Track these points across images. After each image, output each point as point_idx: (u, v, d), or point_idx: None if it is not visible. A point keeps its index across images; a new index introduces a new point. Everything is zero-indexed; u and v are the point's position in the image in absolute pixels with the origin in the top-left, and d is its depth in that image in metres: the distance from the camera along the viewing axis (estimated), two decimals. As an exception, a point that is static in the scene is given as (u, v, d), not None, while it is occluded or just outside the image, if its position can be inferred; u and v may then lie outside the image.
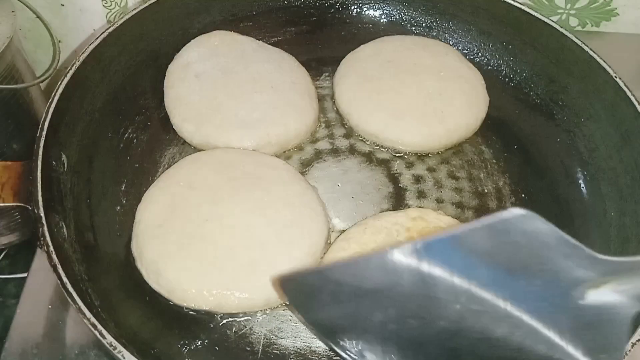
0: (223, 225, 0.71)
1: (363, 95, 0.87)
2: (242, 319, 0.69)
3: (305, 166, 0.84)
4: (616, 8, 1.12)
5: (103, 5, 1.11)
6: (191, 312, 0.69)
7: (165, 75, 0.88)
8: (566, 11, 1.14)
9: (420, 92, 0.87)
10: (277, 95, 0.85)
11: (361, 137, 0.87)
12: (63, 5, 1.11)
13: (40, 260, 0.81)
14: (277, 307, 0.70)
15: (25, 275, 0.80)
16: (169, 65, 0.89)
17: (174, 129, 0.84)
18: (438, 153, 0.86)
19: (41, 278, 0.79)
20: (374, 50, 0.93)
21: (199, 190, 0.75)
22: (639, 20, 1.14)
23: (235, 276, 0.68)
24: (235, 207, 0.73)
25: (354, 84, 0.88)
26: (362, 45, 0.94)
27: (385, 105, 0.86)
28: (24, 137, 1.03)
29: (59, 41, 1.09)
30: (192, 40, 0.91)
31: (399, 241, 0.71)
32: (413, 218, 0.74)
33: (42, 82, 1.02)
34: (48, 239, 0.63)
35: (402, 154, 0.86)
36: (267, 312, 0.70)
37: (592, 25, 1.16)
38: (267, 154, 0.82)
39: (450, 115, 0.85)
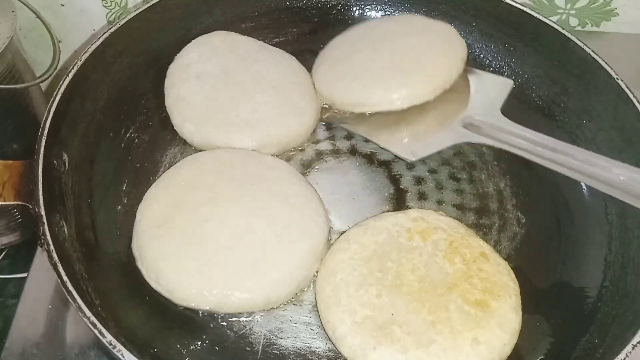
0: (224, 225, 0.71)
1: (339, 73, 0.88)
2: (242, 319, 0.69)
3: (306, 167, 0.84)
4: (616, 8, 1.12)
5: (103, 5, 1.11)
6: (191, 312, 0.69)
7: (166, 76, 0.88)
8: (566, 11, 1.14)
9: (394, 52, 0.87)
10: (278, 95, 0.85)
11: (362, 138, 0.87)
12: (63, 5, 1.11)
13: (40, 260, 0.81)
14: (277, 307, 0.70)
15: (25, 275, 0.80)
16: (170, 66, 0.89)
17: (175, 129, 0.84)
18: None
19: (41, 278, 0.78)
20: (343, 38, 0.94)
21: (200, 190, 0.74)
22: (639, 20, 1.14)
23: (235, 276, 0.68)
24: (236, 207, 0.73)
25: (329, 69, 0.89)
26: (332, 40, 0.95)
27: (362, 75, 0.86)
28: (24, 137, 1.04)
29: (59, 41, 1.09)
30: (193, 41, 0.91)
31: (400, 242, 0.72)
32: (414, 219, 0.74)
33: (42, 82, 1.02)
34: (49, 237, 0.63)
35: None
36: (267, 312, 0.70)
37: (592, 25, 1.16)
38: (268, 154, 0.82)
39: (428, 61, 0.85)
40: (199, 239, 0.70)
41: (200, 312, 0.69)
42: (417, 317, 0.65)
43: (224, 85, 0.86)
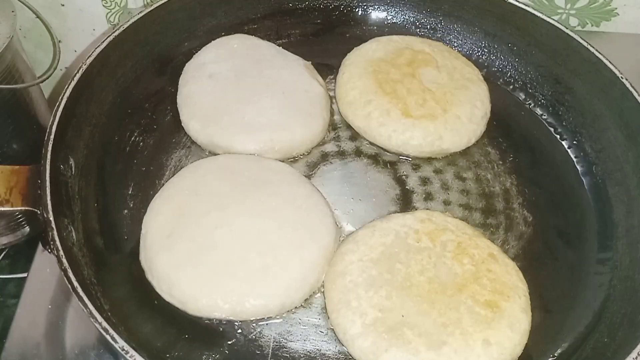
0: (233, 231, 0.70)
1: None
2: (252, 322, 0.69)
3: (311, 168, 0.83)
4: (616, 8, 1.13)
5: (103, 5, 1.11)
6: (201, 319, 0.68)
7: (171, 78, 0.88)
8: (566, 11, 1.14)
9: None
10: (286, 101, 0.85)
11: (367, 141, 0.87)
12: (63, 5, 1.11)
13: (40, 260, 0.80)
14: (288, 310, 0.70)
15: (25, 275, 0.79)
16: (187, 64, 0.89)
17: (180, 132, 0.84)
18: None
19: (41, 278, 0.78)
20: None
21: (205, 197, 0.74)
22: (639, 20, 1.14)
23: (248, 283, 0.67)
24: (244, 212, 0.72)
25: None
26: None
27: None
28: (24, 137, 1.03)
29: (59, 41, 1.08)
30: (212, 42, 0.91)
31: (408, 243, 0.72)
32: (421, 220, 0.74)
33: (42, 82, 1.02)
34: (58, 243, 0.63)
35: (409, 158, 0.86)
36: (277, 315, 0.69)
37: (592, 25, 1.16)
38: (271, 159, 0.81)
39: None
40: (209, 246, 0.69)
41: (214, 320, 0.68)
42: (428, 318, 0.65)
43: (234, 86, 0.85)
